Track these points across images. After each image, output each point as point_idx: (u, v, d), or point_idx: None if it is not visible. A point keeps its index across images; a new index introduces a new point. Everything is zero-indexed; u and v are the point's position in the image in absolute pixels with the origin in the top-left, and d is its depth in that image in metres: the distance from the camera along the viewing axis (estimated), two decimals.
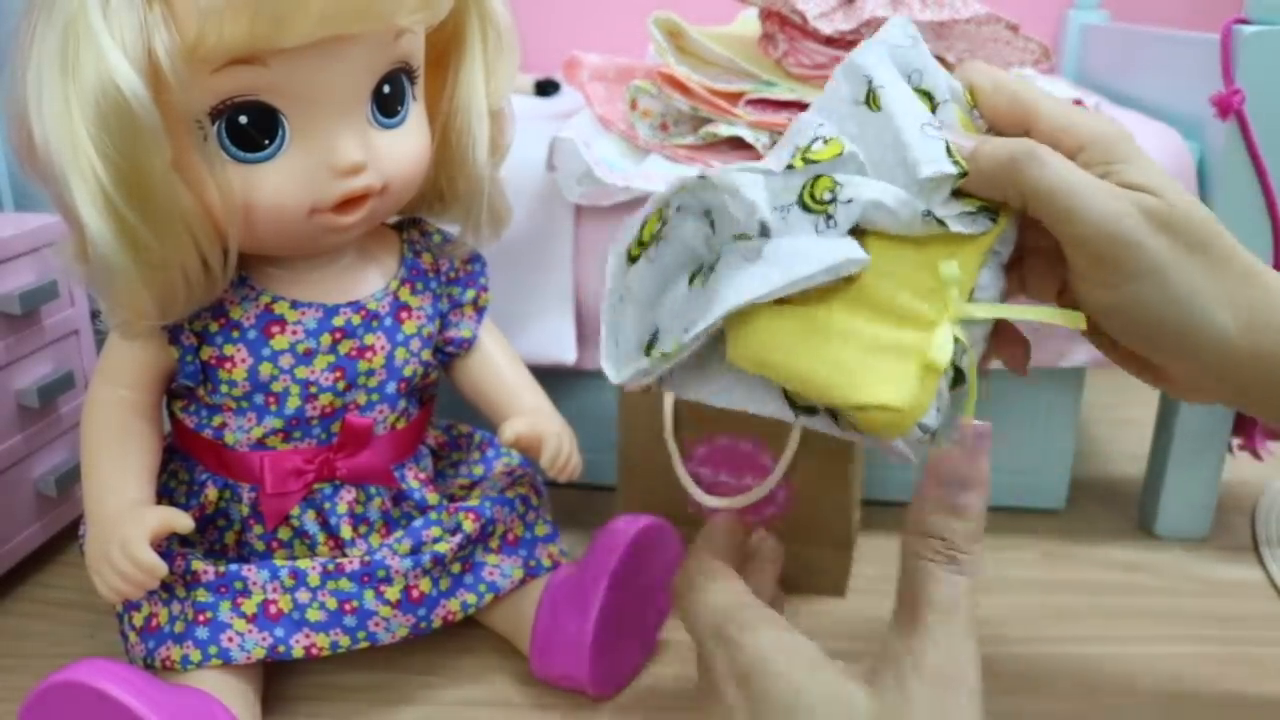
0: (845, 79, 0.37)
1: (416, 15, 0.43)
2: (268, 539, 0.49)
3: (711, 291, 0.36)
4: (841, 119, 0.37)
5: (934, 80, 0.37)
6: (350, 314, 0.48)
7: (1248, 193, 0.62)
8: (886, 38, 0.38)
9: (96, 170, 0.39)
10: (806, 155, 0.36)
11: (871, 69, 0.37)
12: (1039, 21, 1.06)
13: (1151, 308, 0.35)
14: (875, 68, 0.37)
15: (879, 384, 0.34)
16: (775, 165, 0.37)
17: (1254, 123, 0.60)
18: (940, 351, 0.34)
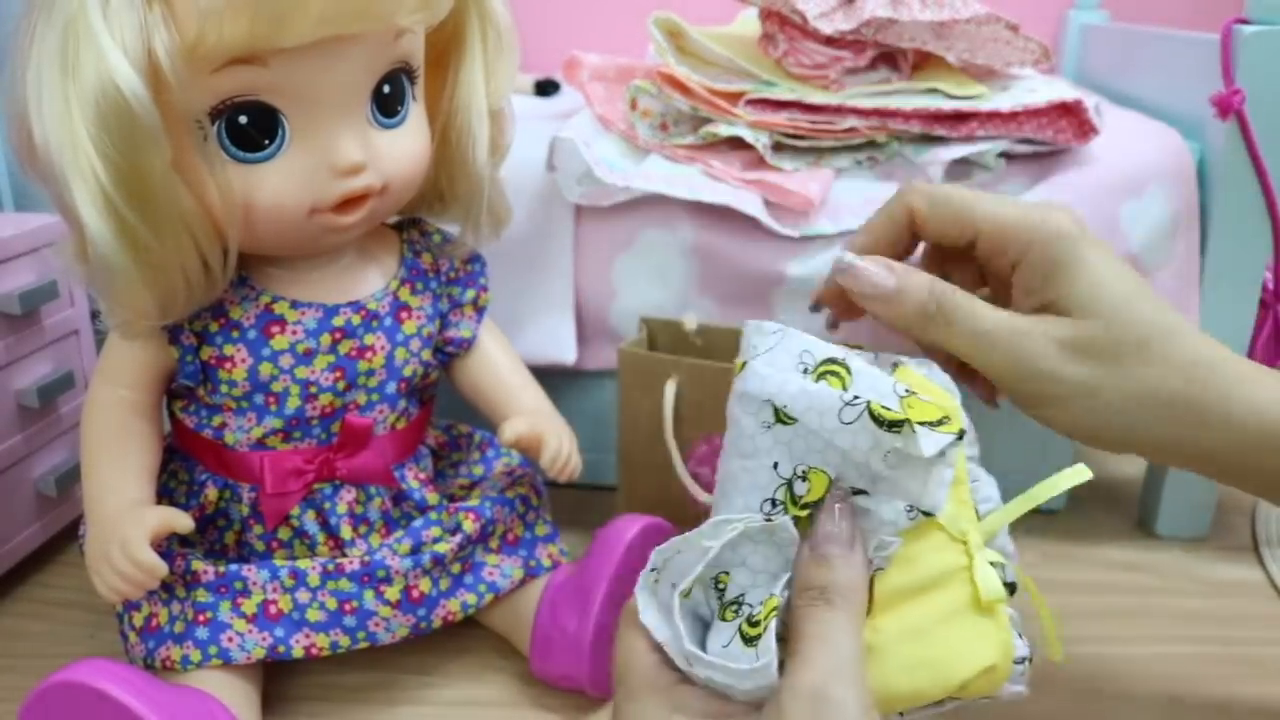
0: (744, 412, 0.36)
1: (416, 15, 0.43)
2: (268, 539, 0.49)
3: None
4: (769, 450, 0.35)
5: (823, 349, 0.36)
6: (350, 314, 0.48)
7: (1248, 193, 0.62)
8: (753, 356, 0.36)
9: (96, 170, 0.39)
10: (800, 501, 0.35)
11: (763, 389, 0.35)
12: (1039, 21, 1.06)
13: (1083, 423, 0.38)
14: (766, 384, 0.35)
15: (967, 654, 0.34)
16: (751, 516, 0.35)
17: (1254, 123, 0.60)
18: (990, 586, 0.35)
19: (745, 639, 0.34)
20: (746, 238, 0.63)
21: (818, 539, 0.34)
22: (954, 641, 0.35)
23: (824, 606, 0.33)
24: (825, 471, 0.34)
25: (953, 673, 0.34)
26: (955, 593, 0.35)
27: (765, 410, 0.35)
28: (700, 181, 0.62)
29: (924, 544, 0.35)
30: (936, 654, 0.34)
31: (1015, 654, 0.35)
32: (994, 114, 0.64)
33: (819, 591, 0.33)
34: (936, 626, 0.34)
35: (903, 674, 0.34)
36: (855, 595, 0.33)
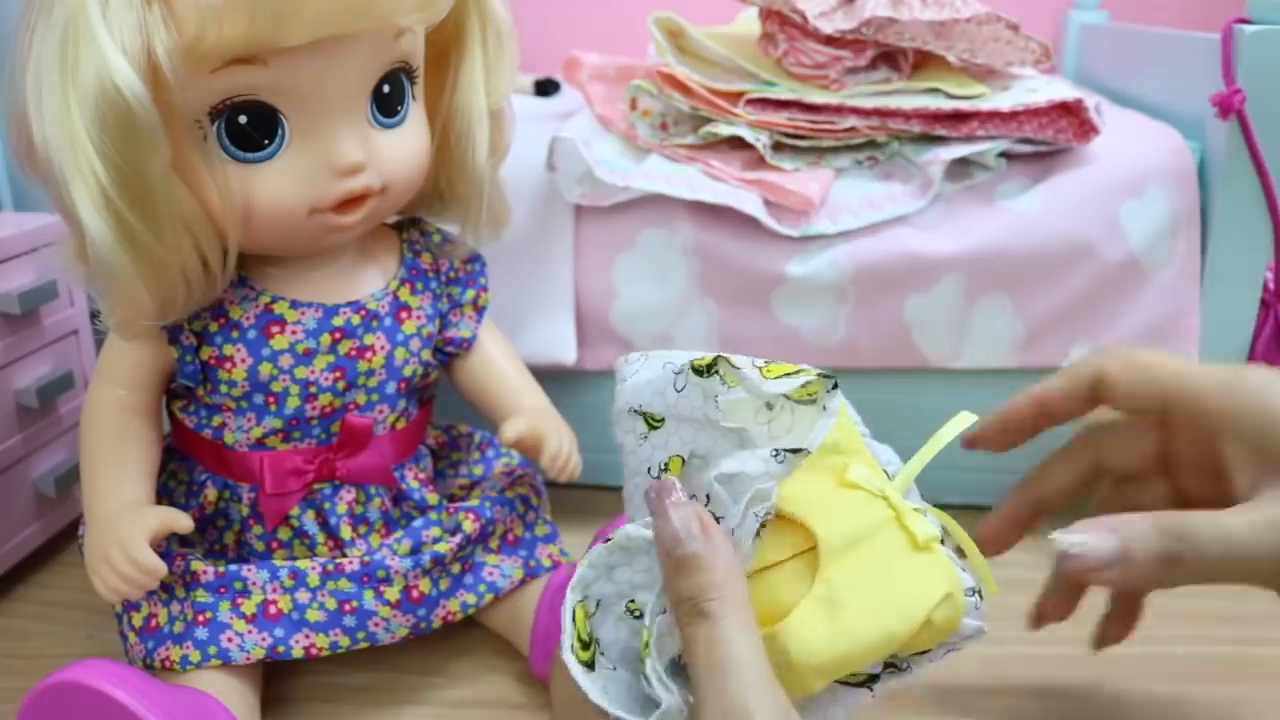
0: (623, 431, 0.35)
1: (416, 15, 0.43)
2: (267, 539, 0.49)
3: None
4: (649, 458, 0.35)
5: (687, 356, 0.34)
6: (350, 314, 0.48)
7: (1249, 193, 0.62)
8: (621, 380, 0.35)
9: (96, 170, 0.39)
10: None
11: (628, 401, 0.35)
12: (1039, 21, 1.06)
13: None
14: (629, 396, 0.35)
15: (923, 586, 0.34)
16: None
17: (1255, 122, 0.60)
18: (922, 528, 0.35)
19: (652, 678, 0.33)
20: (747, 237, 0.62)
21: (663, 544, 0.32)
22: (906, 580, 0.34)
23: (701, 621, 0.31)
24: (680, 455, 0.34)
25: (915, 606, 0.34)
26: (891, 541, 0.35)
27: (636, 421, 0.35)
28: (700, 181, 0.62)
29: (847, 503, 0.35)
30: (894, 594, 0.34)
31: (964, 583, 0.36)
32: (994, 114, 0.64)
33: (690, 604, 0.31)
34: (884, 571, 0.34)
35: (869, 619, 0.33)
36: (729, 587, 0.31)
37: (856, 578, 0.34)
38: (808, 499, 0.35)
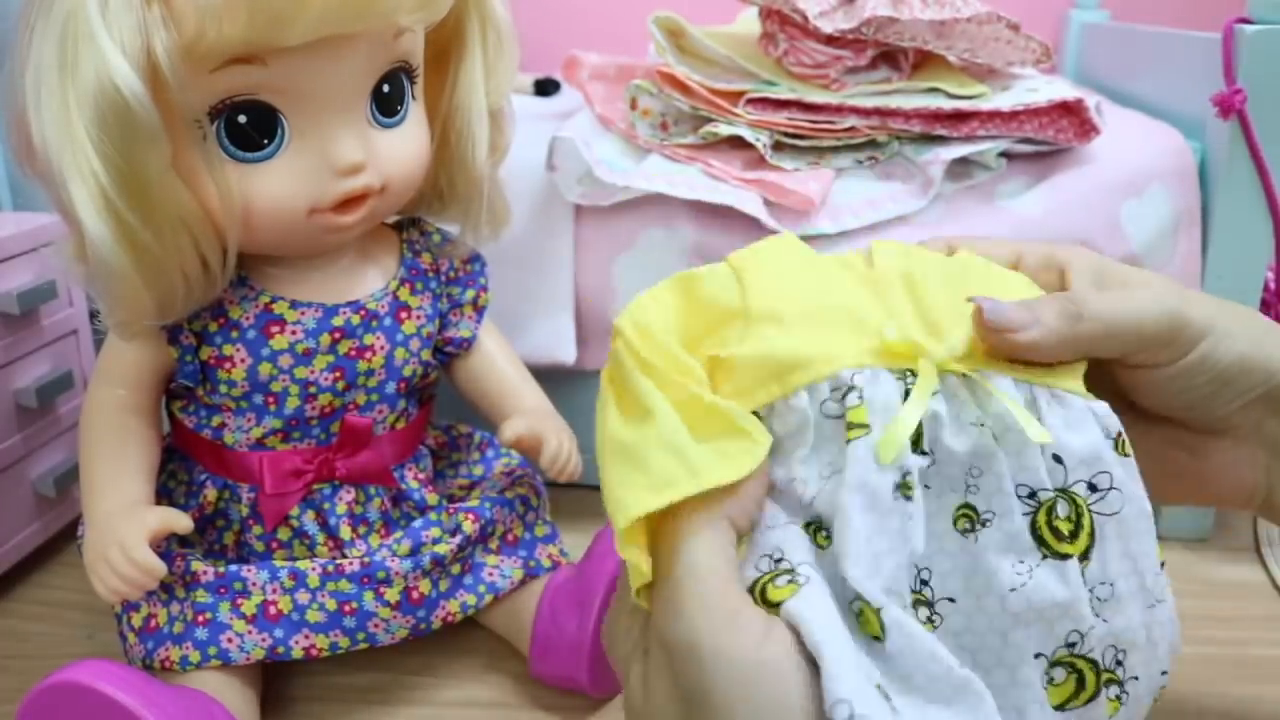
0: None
1: (416, 15, 0.43)
2: (267, 539, 0.49)
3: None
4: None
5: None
6: (350, 314, 0.48)
7: (1249, 192, 0.62)
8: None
9: (95, 170, 0.39)
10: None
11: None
12: (1040, 21, 1.06)
13: (1235, 352, 0.37)
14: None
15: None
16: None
17: (1255, 122, 0.60)
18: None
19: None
20: (747, 237, 0.62)
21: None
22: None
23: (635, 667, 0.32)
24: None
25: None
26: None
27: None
28: (700, 181, 0.62)
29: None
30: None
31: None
32: (995, 113, 0.64)
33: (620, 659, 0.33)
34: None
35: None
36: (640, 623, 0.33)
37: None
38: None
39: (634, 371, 0.33)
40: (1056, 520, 0.33)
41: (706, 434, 0.32)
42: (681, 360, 0.34)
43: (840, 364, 0.33)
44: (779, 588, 0.31)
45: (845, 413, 0.33)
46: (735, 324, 0.34)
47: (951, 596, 0.33)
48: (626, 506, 0.31)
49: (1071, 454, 0.34)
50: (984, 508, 0.33)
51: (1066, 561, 0.33)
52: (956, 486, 0.34)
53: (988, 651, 0.33)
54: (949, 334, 0.35)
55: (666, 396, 0.33)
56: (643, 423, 0.32)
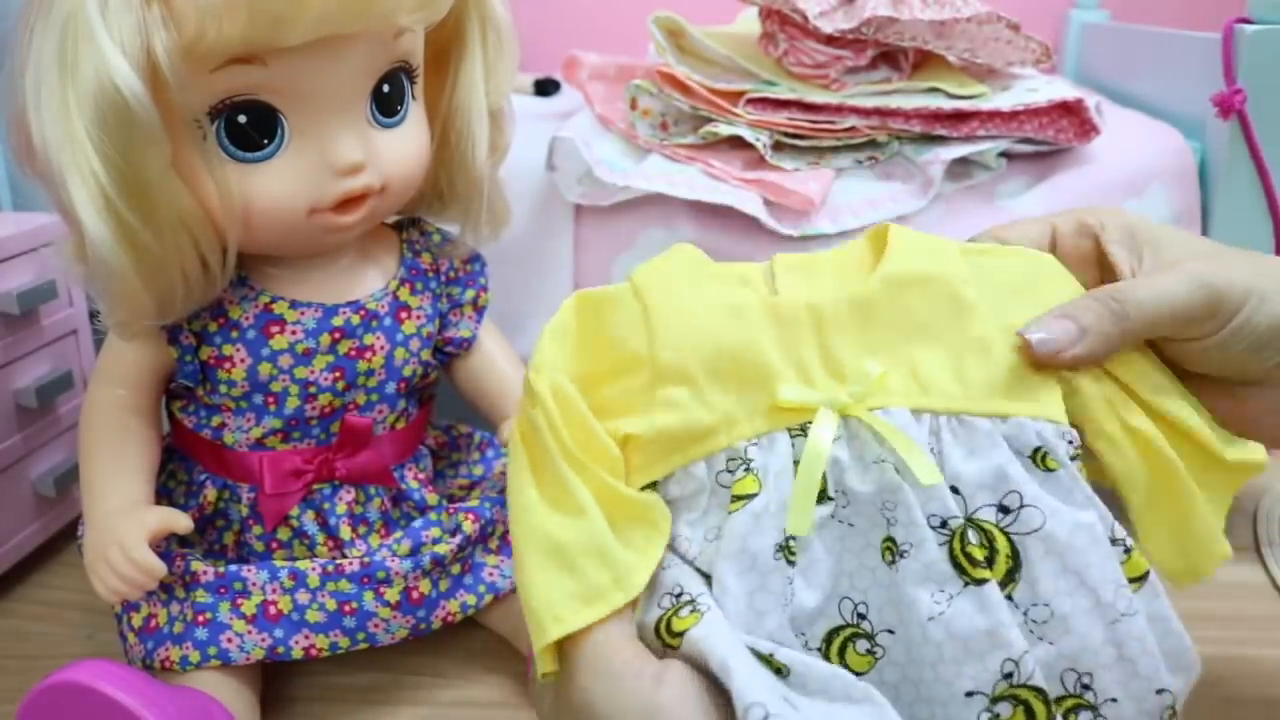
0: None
1: (415, 15, 0.43)
2: (267, 539, 0.49)
3: None
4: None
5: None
6: (349, 314, 0.48)
7: (1249, 192, 0.62)
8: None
9: (95, 170, 0.39)
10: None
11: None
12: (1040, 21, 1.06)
13: (1261, 319, 0.37)
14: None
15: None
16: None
17: (1255, 122, 0.60)
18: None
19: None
20: (747, 237, 0.62)
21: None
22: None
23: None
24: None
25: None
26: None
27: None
28: (701, 181, 0.62)
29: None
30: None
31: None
32: (995, 113, 0.64)
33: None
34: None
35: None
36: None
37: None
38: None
39: (558, 456, 0.34)
40: (969, 547, 0.33)
41: (621, 523, 0.34)
42: (597, 437, 0.35)
43: (738, 434, 0.35)
44: (682, 618, 0.32)
45: (730, 486, 0.34)
46: (642, 374, 0.35)
47: (890, 628, 0.34)
48: (562, 618, 0.32)
49: (967, 482, 0.34)
50: (902, 539, 0.34)
51: (984, 587, 0.33)
52: (877, 521, 0.34)
53: (924, 684, 0.33)
54: (852, 372, 0.35)
55: (586, 484, 0.34)
56: (571, 518, 0.33)
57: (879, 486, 0.34)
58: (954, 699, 0.32)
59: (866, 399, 0.35)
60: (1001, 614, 0.33)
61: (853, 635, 0.34)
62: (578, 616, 0.32)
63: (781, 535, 0.34)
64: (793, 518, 0.33)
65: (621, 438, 0.35)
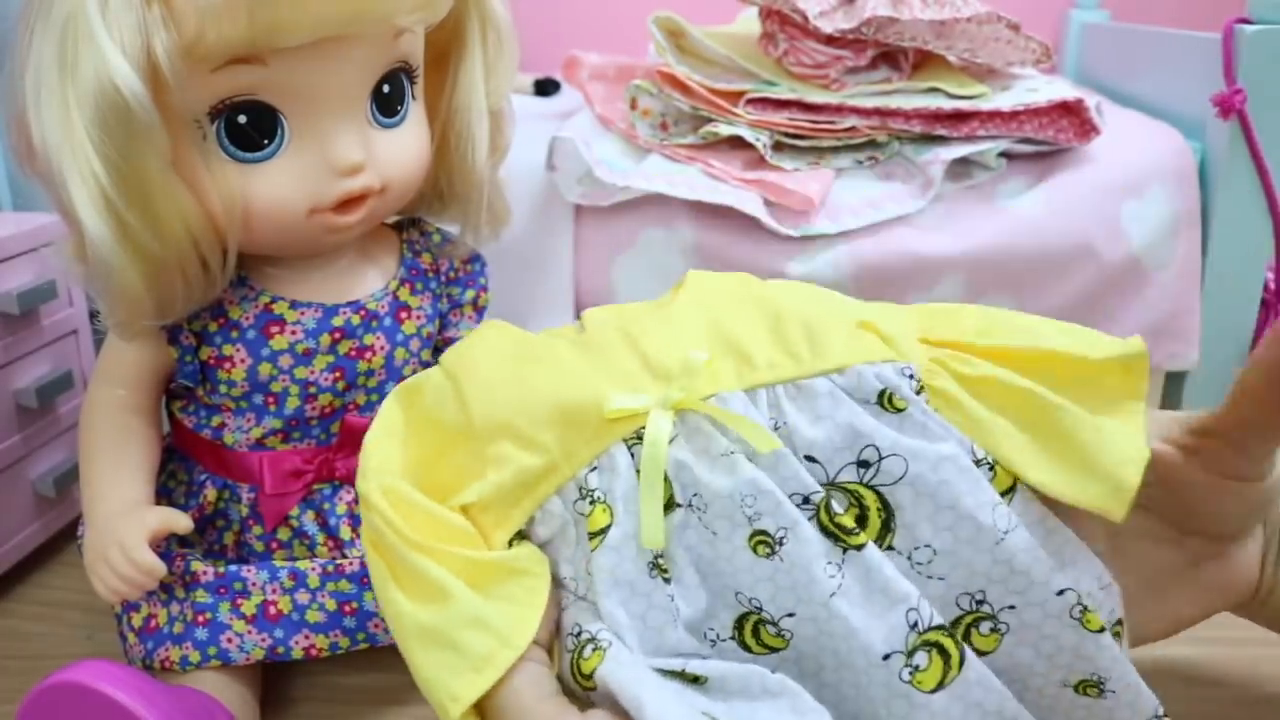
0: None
1: (415, 15, 0.43)
2: (267, 539, 0.49)
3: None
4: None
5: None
6: (350, 314, 0.48)
7: (1249, 192, 0.62)
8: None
9: (95, 171, 0.39)
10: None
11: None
12: (1040, 21, 1.06)
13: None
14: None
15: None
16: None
17: (1255, 122, 0.60)
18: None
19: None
20: (747, 237, 0.63)
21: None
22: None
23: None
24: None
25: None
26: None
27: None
28: (701, 181, 0.62)
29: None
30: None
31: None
32: (995, 113, 0.64)
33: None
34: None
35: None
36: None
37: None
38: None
39: (406, 551, 0.34)
40: (837, 517, 0.33)
41: (491, 587, 0.34)
42: (440, 518, 0.35)
43: (579, 461, 0.35)
44: (586, 658, 0.32)
45: (586, 517, 0.34)
46: (465, 445, 0.36)
47: (790, 612, 0.34)
48: (457, 694, 0.32)
49: (822, 447, 0.34)
50: (773, 528, 0.33)
51: (863, 551, 0.33)
52: (738, 521, 0.34)
53: (840, 654, 0.33)
54: (678, 367, 0.35)
55: (442, 565, 0.34)
56: (437, 602, 0.33)
57: (735, 480, 0.34)
58: (873, 664, 0.33)
59: (698, 390, 0.35)
60: (887, 570, 0.33)
61: (758, 621, 0.34)
62: (472, 688, 0.32)
63: (650, 554, 0.34)
64: (644, 531, 0.33)
65: (460, 509, 0.35)
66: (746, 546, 0.34)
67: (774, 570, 0.33)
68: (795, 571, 0.33)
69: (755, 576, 0.34)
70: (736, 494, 0.33)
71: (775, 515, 0.33)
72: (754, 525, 0.34)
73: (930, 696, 0.32)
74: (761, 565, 0.34)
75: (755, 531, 0.34)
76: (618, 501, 0.34)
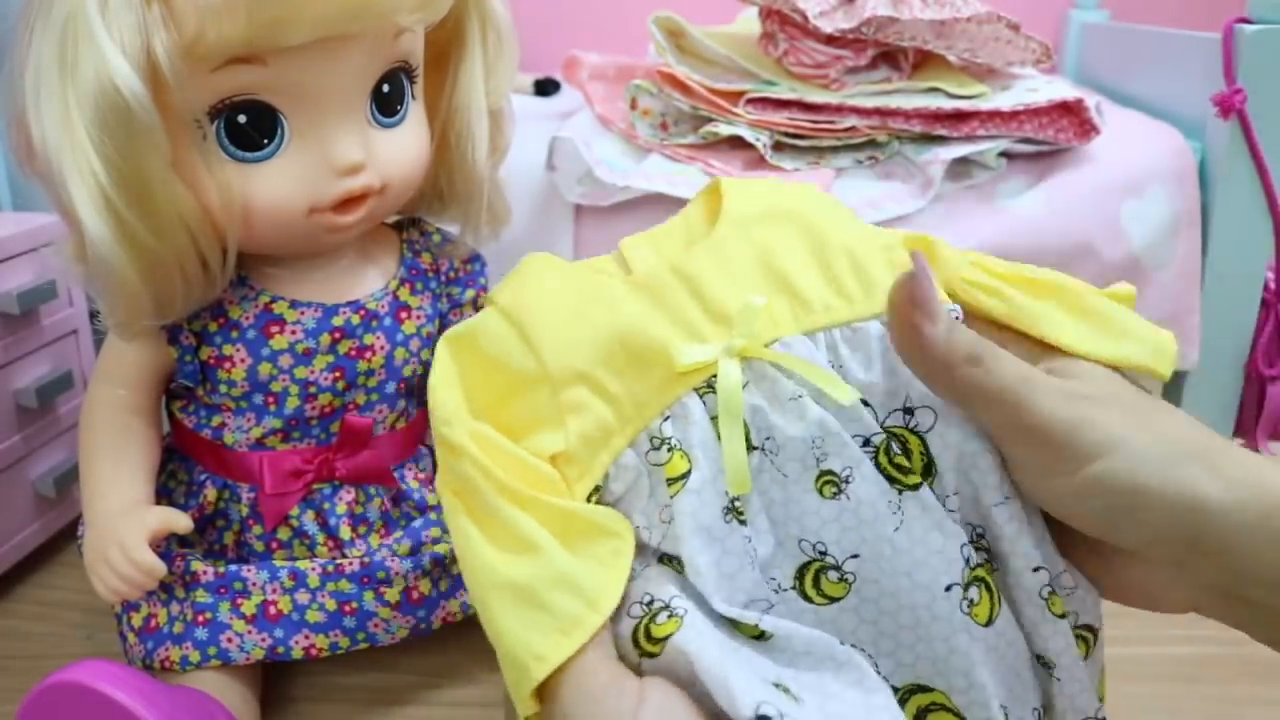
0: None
1: (415, 15, 0.43)
2: (267, 539, 0.49)
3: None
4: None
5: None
6: (349, 314, 0.48)
7: (1249, 192, 0.62)
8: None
9: (95, 170, 0.39)
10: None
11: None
12: (1040, 20, 1.06)
13: (1124, 472, 0.32)
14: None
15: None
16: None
17: (1255, 122, 0.60)
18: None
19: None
20: None
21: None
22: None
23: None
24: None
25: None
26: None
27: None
28: (701, 181, 0.62)
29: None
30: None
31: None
32: (995, 113, 0.64)
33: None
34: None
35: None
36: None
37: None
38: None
39: (497, 499, 0.34)
40: (895, 458, 0.34)
41: (580, 544, 0.34)
42: (530, 465, 0.35)
43: (650, 413, 0.35)
44: (660, 624, 0.32)
45: (663, 465, 0.34)
46: (541, 389, 0.35)
47: (854, 554, 0.34)
48: (543, 654, 0.31)
49: (874, 392, 0.35)
50: (840, 468, 0.34)
51: (919, 491, 0.34)
52: (808, 463, 0.34)
53: (902, 593, 0.34)
54: (737, 313, 0.36)
55: (533, 516, 0.33)
56: (525, 556, 0.33)
57: (806, 423, 0.34)
58: (936, 598, 0.33)
59: (760, 336, 0.35)
60: (940, 509, 0.34)
61: (821, 568, 0.34)
62: (559, 650, 0.31)
63: (726, 499, 0.34)
64: (731, 479, 0.34)
65: (549, 457, 0.35)
66: (814, 489, 0.34)
67: (840, 510, 0.34)
68: (862, 509, 0.34)
69: (822, 519, 0.34)
70: (808, 437, 0.34)
71: (841, 455, 0.34)
72: (821, 466, 0.34)
73: (985, 630, 0.34)
74: (828, 506, 0.34)
75: (823, 472, 0.34)
76: (695, 448, 0.34)
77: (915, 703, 0.34)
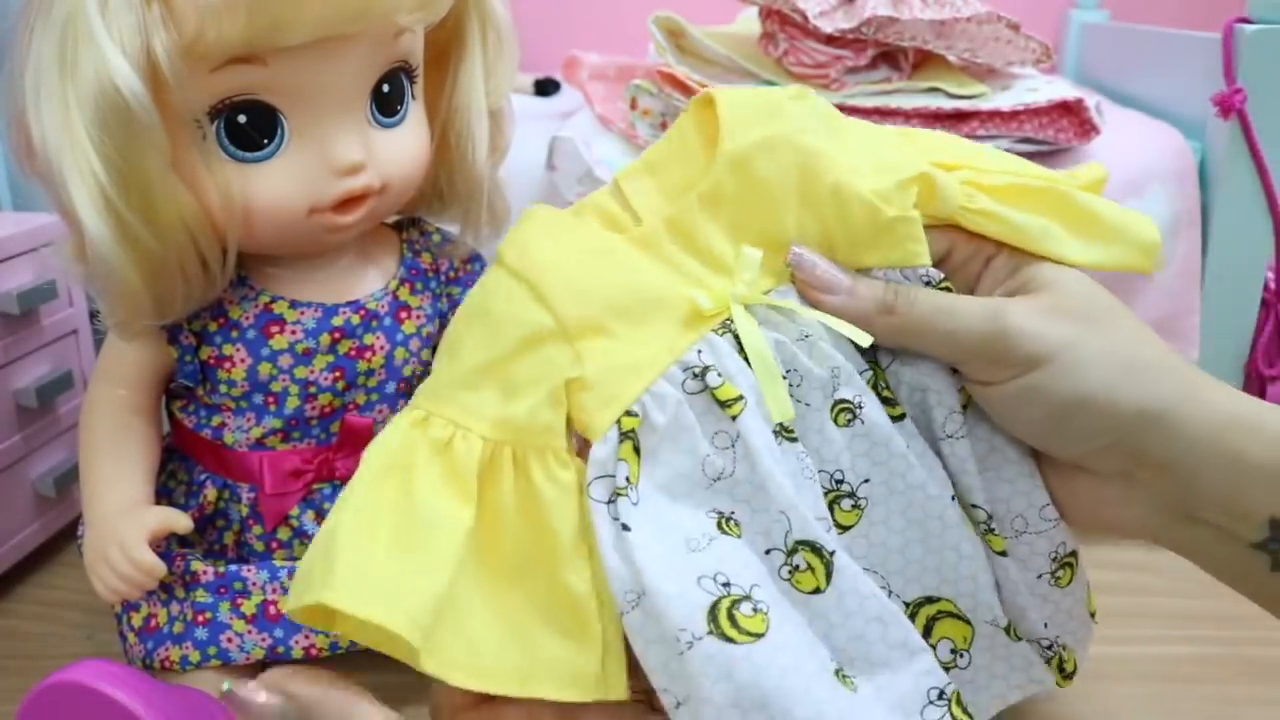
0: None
1: (415, 15, 0.43)
2: (267, 539, 0.49)
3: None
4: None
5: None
6: (349, 314, 0.48)
7: (1249, 192, 0.62)
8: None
9: (95, 170, 0.39)
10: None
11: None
12: (1039, 20, 1.06)
13: (1064, 386, 0.34)
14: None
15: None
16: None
17: (1255, 122, 0.60)
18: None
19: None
20: None
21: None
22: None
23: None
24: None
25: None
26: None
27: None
28: None
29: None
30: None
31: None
32: (995, 113, 0.64)
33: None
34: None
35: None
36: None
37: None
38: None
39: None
40: (884, 391, 0.38)
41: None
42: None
43: (679, 348, 0.36)
44: (748, 617, 0.32)
45: (713, 391, 0.35)
46: (556, 341, 0.36)
47: (866, 478, 0.37)
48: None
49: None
50: (852, 396, 0.37)
51: (905, 421, 0.38)
52: (828, 393, 0.37)
53: (914, 507, 0.37)
54: (736, 261, 0.37)
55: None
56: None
57: (820, 357, 0.37)
58: (947, 506, 0.37)
59: (758, 285, 0.37)
60: (920, 438, 0.38)
61: (836, 497, 0.37)
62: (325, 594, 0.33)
63: (773, 423, 0.36)
64: (774, 406, 0.35)
65: (564, 382, 0.35)
66: (831, 416, 0.37)
67: (852, 436, 0.36)
68: (874, 431, 0.36)
69: (838, 446, 0.36)
70: (826, 368, 0.36)
71: (851, 385, 0.36)
72: (836, 395, 0.36)
73: (980, 542, 0.37)
74: (843, 433, 0.36)
75: (838, 401, 0.36)
76: (735, 376, 0.36)
77: (924, 614, 0.37)
